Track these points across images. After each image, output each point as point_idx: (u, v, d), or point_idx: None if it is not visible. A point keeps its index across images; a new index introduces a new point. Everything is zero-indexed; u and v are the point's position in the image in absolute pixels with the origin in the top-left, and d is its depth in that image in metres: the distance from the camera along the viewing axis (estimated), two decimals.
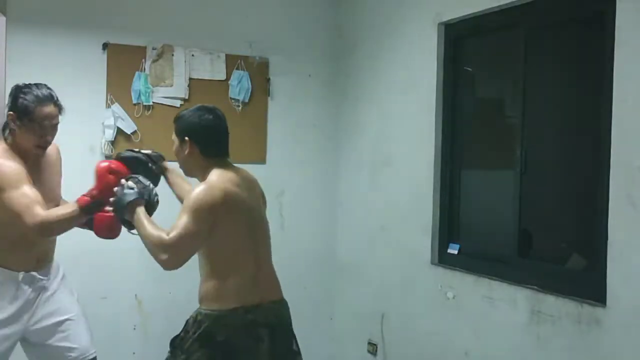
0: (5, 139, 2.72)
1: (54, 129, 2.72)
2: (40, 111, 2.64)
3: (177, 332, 2.41)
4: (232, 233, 2.40)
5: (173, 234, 2.28)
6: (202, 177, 2.46)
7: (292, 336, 2.59)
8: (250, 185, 2.56)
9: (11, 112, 2.66)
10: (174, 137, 2.54)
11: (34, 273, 2.76)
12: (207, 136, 2.49)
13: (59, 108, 2.72)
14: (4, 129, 2.74)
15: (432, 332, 3.48)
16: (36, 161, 2.76)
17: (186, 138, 2.48)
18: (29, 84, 2.71)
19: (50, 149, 2.83)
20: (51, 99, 2.69)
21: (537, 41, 3.02)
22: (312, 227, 4.47)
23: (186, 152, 2.48)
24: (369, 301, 4.06)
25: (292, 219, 4.37)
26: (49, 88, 2.73)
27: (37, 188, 2.62)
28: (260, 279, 2.48)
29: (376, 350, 3.98)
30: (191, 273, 4.12)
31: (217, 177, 2.41)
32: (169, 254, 2.28)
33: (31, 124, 2.64)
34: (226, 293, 2.41)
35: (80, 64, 3.87)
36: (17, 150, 2.69)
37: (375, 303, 3.99)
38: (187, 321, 2.48)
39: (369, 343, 4.04)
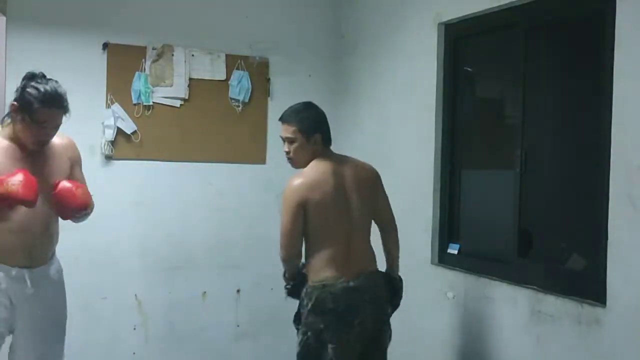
0: (4, 124, 2.64)
1: (54, 129, 2.61)
2: (42, 112, 2.51)
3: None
4: (318, 215, 2.72)
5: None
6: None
7: (385, 303, 2.87)
8: (347, 172, 2.84)
9: (14, 103, 2.54)
10: (297, 135, 2.80)
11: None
12: (327, 126, 2.88)
13: (65, 110, 2.59)
14: (7, 114, 2.66)
15: (432, 331, 3.48)
16: (35, 152, 2.63)
17: (317, 133, 2.80)
18: (43, 77, 2.57)
19: (58, 142, 2.72)
20: (58, 101, 2.54)
21: (537, 41, 3.02)
22: None
23: (312, 146, 2.80)
24: None
25: None
26: (60, 87, 2.58)
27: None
28: (354, 252, 2.78)
29: None
30: (190, 273, 4.16)
31: (309, 168, 2.78)
32: (280, 249, 2.76)
33: (30, 121, 2.52)
34: (327, 265, 2.73)
35: (80, 64, 3.87)
36: (16, 138, 2.59)
37: None
38: (300, 299, 2.79)
39: None
